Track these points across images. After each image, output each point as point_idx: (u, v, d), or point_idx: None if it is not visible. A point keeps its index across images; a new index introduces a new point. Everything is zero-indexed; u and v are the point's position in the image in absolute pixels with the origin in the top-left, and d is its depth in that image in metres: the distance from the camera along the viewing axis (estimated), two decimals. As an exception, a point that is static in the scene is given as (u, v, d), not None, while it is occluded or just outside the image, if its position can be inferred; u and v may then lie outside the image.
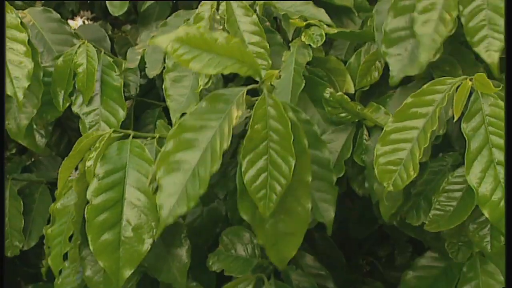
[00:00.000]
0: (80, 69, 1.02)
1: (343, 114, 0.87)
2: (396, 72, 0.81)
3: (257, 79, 0.69)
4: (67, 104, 1.03)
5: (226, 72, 0.65)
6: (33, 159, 1.29)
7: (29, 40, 0.95)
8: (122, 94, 1.03)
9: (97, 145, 0.80)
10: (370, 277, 1.33)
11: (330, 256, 1.16)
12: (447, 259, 0.94)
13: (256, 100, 0.69)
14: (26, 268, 1.31)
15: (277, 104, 0.68)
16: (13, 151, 1.30)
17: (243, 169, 0.68)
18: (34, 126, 1.08)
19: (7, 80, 0.92)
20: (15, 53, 0.93)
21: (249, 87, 0.69)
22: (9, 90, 0.92)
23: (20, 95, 0.92)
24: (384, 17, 0.83)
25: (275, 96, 0.68)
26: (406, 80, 0.89)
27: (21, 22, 0.96)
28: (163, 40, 0.62)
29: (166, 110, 1.13)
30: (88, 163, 0.79)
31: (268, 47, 0.90)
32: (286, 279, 0.96)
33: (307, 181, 0.71)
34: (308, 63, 0.89)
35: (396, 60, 0.81)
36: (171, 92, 0.94)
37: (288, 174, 0.68)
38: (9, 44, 0.93)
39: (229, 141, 0.65)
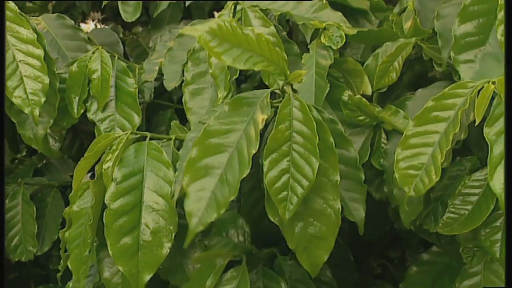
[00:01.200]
0: (94, 75, 1.02)
1: (361, 117, 0.86)
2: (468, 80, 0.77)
3: (281, 79, 0.68)
4: (82, 111, 1.03)
5: (256, 68, 0.64)
6: (44, 161, 1.29)
7: (45, 54, 0.95)
8: (137, 99, 1.02)
9: (114, 147, 0.79)
10: (381, 279, 1.32)
11: (340, 257, 1.14)
12: (449, 254, 0.94)
13: (278, 103, 0.68)
14: (36, 269, 1.31)
15: (303, 105, 0.67)
16: (24, 153, 1.29)
17: (265, 170, 0.67)
18: (48, 131, 1.07)
19: (23, 96, 0.94)
20: (31, 68, 0.94)
21: (272, 89, 0.68)
22: (25, 106, 0.94)
23: (37, 112, 0.94)
24: (447, 22, 0.81)
25: (299, 97, 0.67)
26: (425, 82, 0.88)
27: (38, 35, 0.96)
28: (195, 31, 0.61)
29: (178, 112, 1.13)
30: (105, 166, 0.78)
31: (286, 58, 0.88)
32: (278, 269, 0.93)
33: (335, 181, 0.70)
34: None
35: (467, 67, 0.78)
36: (191, 105, 0.93)
37: (311, 176, 0.67)
38: (25, 59, 0.94)
39: (257, 145, 0.64)
